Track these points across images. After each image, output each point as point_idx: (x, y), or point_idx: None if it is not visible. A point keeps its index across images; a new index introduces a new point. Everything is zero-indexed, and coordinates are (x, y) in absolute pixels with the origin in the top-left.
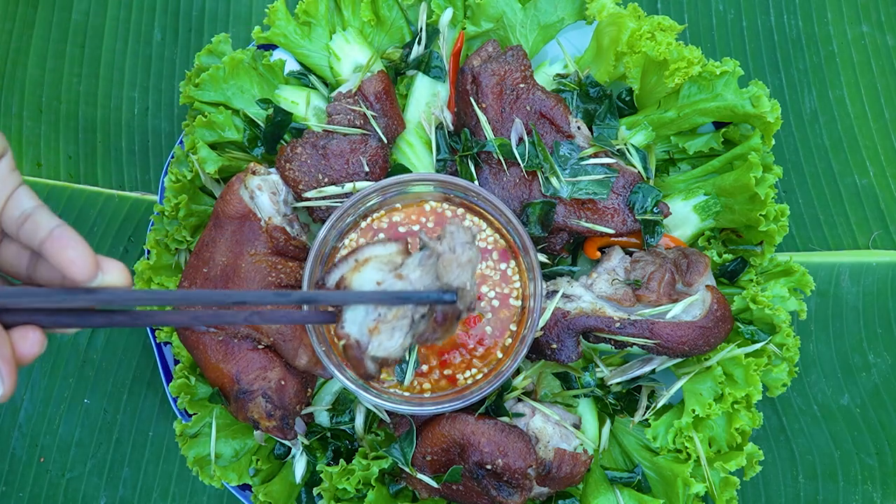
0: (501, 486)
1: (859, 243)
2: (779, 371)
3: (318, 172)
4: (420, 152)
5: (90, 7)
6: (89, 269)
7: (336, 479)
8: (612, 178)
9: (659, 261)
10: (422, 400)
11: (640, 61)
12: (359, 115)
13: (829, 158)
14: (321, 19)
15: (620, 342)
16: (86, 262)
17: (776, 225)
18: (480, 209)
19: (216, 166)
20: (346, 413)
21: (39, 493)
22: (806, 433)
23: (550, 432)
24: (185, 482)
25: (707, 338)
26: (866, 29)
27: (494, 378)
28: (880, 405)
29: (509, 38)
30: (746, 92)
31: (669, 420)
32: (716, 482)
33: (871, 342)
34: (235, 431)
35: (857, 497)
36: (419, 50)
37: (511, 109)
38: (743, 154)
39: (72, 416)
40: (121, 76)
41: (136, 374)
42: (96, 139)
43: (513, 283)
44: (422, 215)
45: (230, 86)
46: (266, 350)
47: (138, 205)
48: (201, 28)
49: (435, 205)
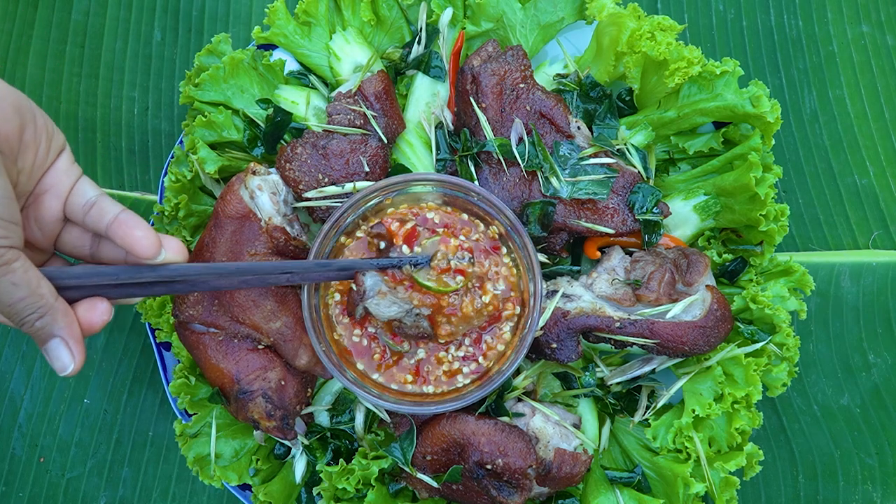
0: (501, 485)
1: (859, 243)
2: (779, 371)
3: (318, 172)
4: (420, 152)
5: (90, 7)
6: (155, 248)
7: (336, 479)
8: (612, 178)
9: (659, 261)
10: (422, 399)
11: (640, 61)
12: (359, 115)
13: (829, 158)
14: (321, 19)
15: (620, 342)
16: (151, 241)
17: (776, 225)
18: (480, 209)
19: (216, 166)
20: (346, 413)
21: (39, 493)
22: (806, 433)
23: (550, 432)
24: (185, 482)
25: (707, 338)
26: (866, 29)
27: (494, 378)
28: (880, 405)
29: (509, 38)
30: (746, 92)
31: (669, 420)
32: (716, 482)
33: (871, 342)
34: (235, 431)
35: (857, 497)
36: (419, 50)
37: (511, 109)
38: (743, 154)
39: (72, 416)
40: (121, 76)
41: (136, 374)
42: (96, 139)
43: (512, 283)
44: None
45: (230, 86)
46: (266, 350)
47: (138, 205)
48: (201, 28)
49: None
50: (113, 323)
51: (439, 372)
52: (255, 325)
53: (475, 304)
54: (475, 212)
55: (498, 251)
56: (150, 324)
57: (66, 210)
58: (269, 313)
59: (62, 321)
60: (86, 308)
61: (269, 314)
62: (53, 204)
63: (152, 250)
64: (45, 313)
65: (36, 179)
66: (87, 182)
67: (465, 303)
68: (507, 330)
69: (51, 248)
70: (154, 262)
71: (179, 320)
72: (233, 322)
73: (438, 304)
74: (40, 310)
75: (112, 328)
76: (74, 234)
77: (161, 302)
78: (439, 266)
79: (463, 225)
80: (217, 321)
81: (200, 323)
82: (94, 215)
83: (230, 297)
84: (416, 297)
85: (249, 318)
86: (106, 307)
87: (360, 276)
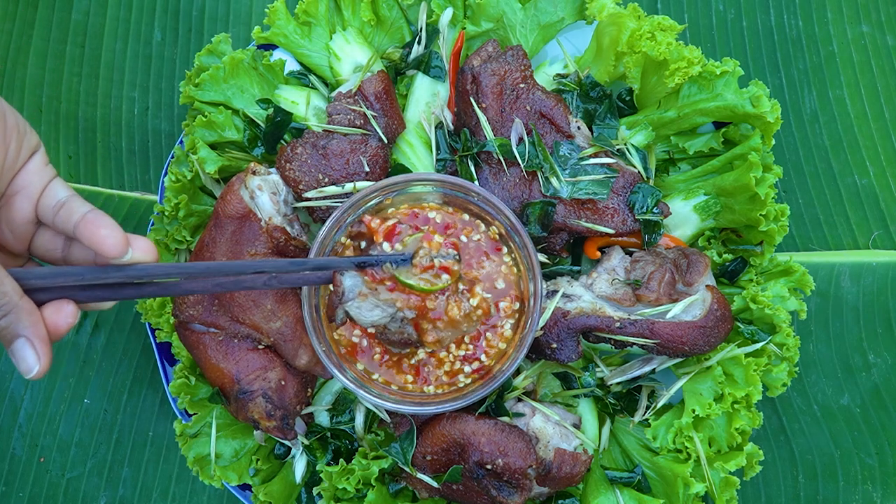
0: (501, 485)
1: (859, 243)
2: (779, 371)
3: (318, 172)
4: (420, 152)
5: (90, 7)
6: (121, 246)
7: (336, 479)
8: (612, 178)
9: (659, 261)
10: (422, 400)
11: (640, 61)
12: (359, 115)
13: (829, 158)
14: (321, 19)
15: (620, 342)
16: (117, 240)
17: (776, 225)
18: (480, 209)
19: (216, 166)
20: (346, 413)
21: (39, 493)
22: (806, 433)
23: (550, 432)
24: (185, 482)
25: (707, 338)
26: (866, 29)
27: (494, 378)
28: (880, 405)
29: (509, 38)
30: (746, 92)
31: (669, 420)
32: (716, 482)
33: (871, 342)
34: (235, 431)
35: (857, 497)
36: (419, 50)
37: (511, 109)
38: (743, 154)
39: (72, 416)
40: (121, 76)
41: (136, 374)
42: (96, 139)
43: (512, 283)
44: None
45: (230, 86)
46: (266, 350)
47: (138, 205)
48: (201, 28)
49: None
50: (113, 323)
51: (440, 372)
52: (255, 325)
53: (462, 307)
54: (475, 212)
55: (499, 251)
56: (150, 324)
57: (38, 212)
58: (269, 313)
59: (27, 320)
60: (52, 310)
61: (269, 314)
62: (25, 206)
63: (118, 249)
64: (9, 311)
65: (7, 181)
66: (59, 183)
67: (451, 306)
68: (507, 328)
69: (25, 252)
70: (121, 261)
71: (179, 320)
72: (233, 322)
73: (423, 305)
74: (4, 307)
75: (112, 328)
76: (47, 236)
77: (161, 302)
78: (421, 263)
79: (464, 225)
80: (217, 321)
81: (200, 323)
82: (63, 216)
83: (230, 297)
84: (399, 299)
85: (249, 318)
86: (72, 310)
87: (339, 276)
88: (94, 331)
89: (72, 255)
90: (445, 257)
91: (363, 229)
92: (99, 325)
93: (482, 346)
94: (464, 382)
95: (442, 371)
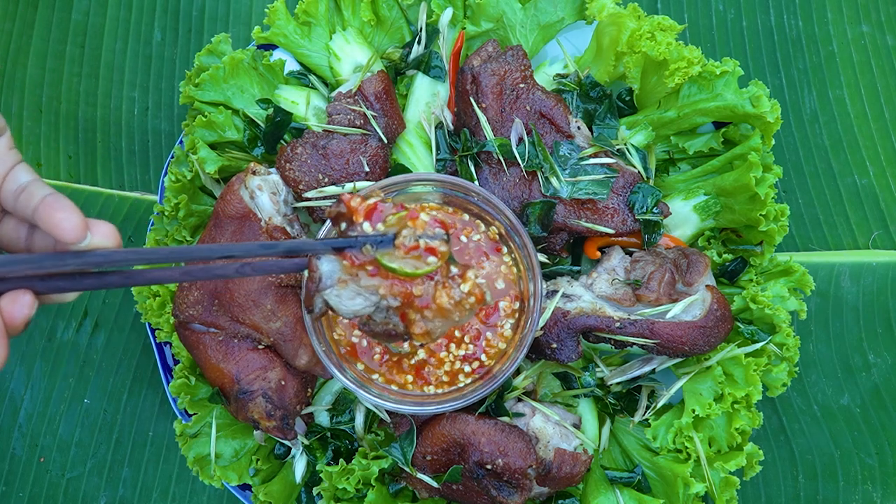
0: (501, 485)
1: (859, 243)
2: (779, 371)
3: (318, 172)
4: (420, 152)
5: (90, 7)
6: (79, 230)
7: (336, 479)
8: (612, 178)
9: (659, 261)
10: (422, 399)
11: (640, 61)
12: (359, 115)
13: (829, 158)
14: (321, 19)
15: (620, 342)
16: (74, 223)
17: (776, 225)
18: (480, 209)
19: (216, 166)
20: (346, 413)
21: (39, 493)
22: (806, 433)
23: (550, 432)
24: (185, 482)
25: (707, 338)
26: (866, 29)
27: (495, 378)
28: (880, 405)
29: (509, 38)
30: (746, 92)
31: (669, 420)
32: (716, 482)
33: (871, 342)
34: (235, 431)
35: (857, 497)
36: (419, 50)
37: (511, 109)
38: (743, 154)
39: (72, 416)
40: (121, 76)
41: (136, 374)
42: (96, 139)
43: (512, 283)
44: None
45: (230, 86)
46: (266, 350)
47: (138, 205)
48: (201, 28)
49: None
50: (113, 323)
51: (440, 372)
52: (255, 324)
53: (452, 294)
54: (475, 212)
55: (499, 252)
56: (150, 324)
57: (1, 198)
58: (269, 313)
59: None
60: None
61: (269, 314)
62: None
63: (75, 233)
64: None
65: None
66: (23, 168)
67: (440, 293)
68: (507, 328)
69: None
70: (79, 246)
71: (179, 320)
72: (233, 322)
73: (409, 292)
74: None
75: (112, 328)
76: (11, 224)
77: (161, 302)
78: (404, 244)
79: (464, 225)
80: (217, 321)
81: (200, 323)
82: (24, 200)
83: (230, 296)
84: (382, 286)
85: (249, 318)
86: (29, 300)
87: (314, 261)
88: (94, 331)
89: (34, 242)
90: (432, 238)
91: (343, 209)
92: (99, 325)
93: (482, 346)
94: (464, 382)
95: (442, 371)
